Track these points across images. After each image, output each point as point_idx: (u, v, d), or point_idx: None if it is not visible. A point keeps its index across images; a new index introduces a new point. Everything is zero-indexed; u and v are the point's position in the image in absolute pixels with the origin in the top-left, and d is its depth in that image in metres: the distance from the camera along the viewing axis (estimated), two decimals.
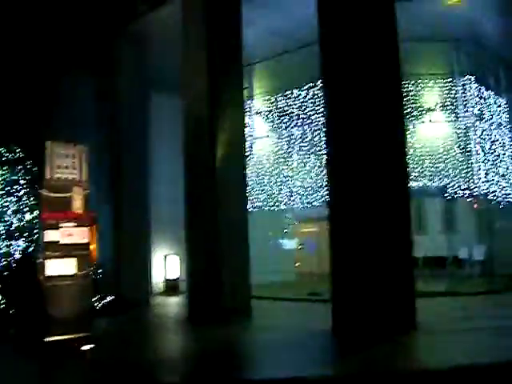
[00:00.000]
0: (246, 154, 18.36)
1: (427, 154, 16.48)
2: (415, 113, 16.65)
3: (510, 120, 18.76)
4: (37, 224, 13.05)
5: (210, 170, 12.13)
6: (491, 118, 17.71)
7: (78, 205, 9.88)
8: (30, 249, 13.52)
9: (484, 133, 17.09)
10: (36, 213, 13.43)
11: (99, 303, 13.90)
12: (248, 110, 18.52)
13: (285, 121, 17.64)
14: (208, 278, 12.03)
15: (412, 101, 16.71)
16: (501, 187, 17.60)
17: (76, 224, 9.76)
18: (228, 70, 12.63)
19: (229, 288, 12.00)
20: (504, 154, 18.12)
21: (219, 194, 12.10)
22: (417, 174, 16.32)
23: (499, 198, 17.65)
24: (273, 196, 17.70)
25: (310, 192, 17.34)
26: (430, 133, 16.74)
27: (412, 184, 16.29)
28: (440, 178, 16.23)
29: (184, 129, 12.85)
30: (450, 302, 12.94)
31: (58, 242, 9.50)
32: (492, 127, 17.69)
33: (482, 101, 17.23)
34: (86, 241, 9.97)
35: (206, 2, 12.62)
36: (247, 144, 18.29)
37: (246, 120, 18.51)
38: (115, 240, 15.17)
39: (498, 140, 17.84)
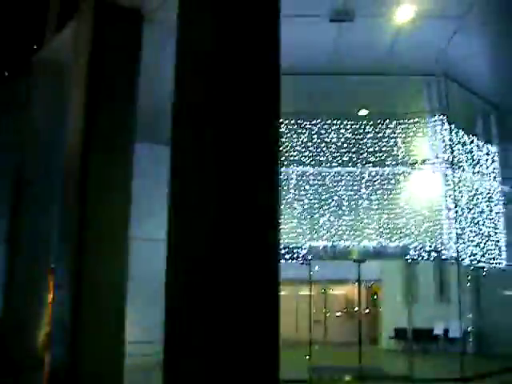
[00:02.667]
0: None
1: (386, 209, 13.80)
2: (372, 159, 14.06)
3: (501, 170, 15.81)
4: None
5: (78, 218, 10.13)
6: (474, 167, 14.89)
7: None
8: None
9: (462, 184, 14.25)
10: None
11: None
12: None
13: None
14: None
15: (372, 144, 14.16)
16: (485, 250, 14.56)
17: None
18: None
19: None
20: (491, 211, 15.10)
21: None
22: (374, 232, 13.64)
23: (483, 264, 14.61)
24: None
25: None
26: (393, 182, 14.10)
27: (369, 243, 13.73)
28: (401, 237, 13.48)
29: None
30: None
31: None
32: (474, 178, 14.83)
33: (460, 146, 14.45)
34: None
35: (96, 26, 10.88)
36: None
37: None
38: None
39: (481, 193, 14.89)
